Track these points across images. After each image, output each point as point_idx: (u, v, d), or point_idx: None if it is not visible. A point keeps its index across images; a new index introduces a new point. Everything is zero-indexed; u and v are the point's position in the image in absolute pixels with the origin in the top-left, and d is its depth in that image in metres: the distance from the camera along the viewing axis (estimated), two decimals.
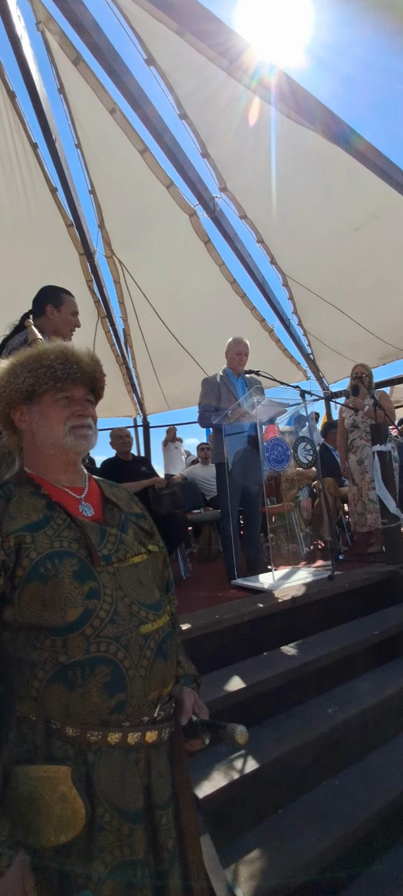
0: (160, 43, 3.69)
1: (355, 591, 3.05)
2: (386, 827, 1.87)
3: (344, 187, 4.53)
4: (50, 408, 1.06)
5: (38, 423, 1.06)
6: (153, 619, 1.00)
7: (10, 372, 1.06)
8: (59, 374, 1.05)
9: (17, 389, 1.05)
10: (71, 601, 0.91)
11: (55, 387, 1.05)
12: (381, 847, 1.85)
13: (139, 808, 0.91)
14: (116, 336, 7.16)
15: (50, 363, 1.05)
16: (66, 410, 1.06)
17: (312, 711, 2.21)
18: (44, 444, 1.06)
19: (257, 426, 3.47)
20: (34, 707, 0.90)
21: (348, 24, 3.07)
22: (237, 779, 1.80)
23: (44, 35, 4.06)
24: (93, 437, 1.11)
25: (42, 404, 1.06)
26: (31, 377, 1.04)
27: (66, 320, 2.56)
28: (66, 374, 1.06)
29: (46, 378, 1.04)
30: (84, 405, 1.09)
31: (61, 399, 1.06)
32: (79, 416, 1.07)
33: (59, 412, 1.06)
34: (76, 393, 1.09)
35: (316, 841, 1.71)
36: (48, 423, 1.05)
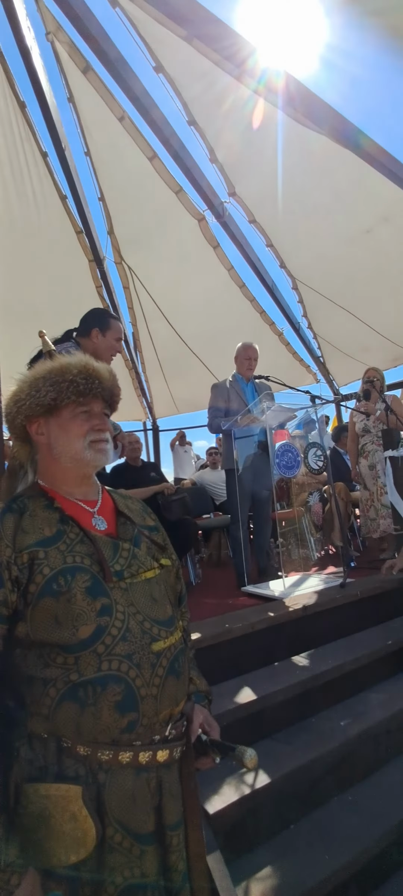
0: (168, 50, 3.70)
1: (367, 600, 3.00)
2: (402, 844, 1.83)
3: (354, 190, 4.49)
4: (70, 422, 1.06)
5: (57, 437, 1.06)
6: (165, 636, 0.99)
7: (32, 385, 1.05)
8: (81, 388, 1.06)
9: (38, 402, 1.05)
10: (83, 618, 0.91)
11: (76, 401, 1.06)
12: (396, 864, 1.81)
13: (150, 829, 0.91)
14: (125, 341, 7.19)
15: (72, 377, 1.05)
16: (86, 424, 1.07)
17: (324, 724, 2.18)
18: (62, 457, 1.06)
19: (267, 431, 3.45)
20: (45, 725, 0.89)
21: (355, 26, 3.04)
22: (248, 794, 1.77)
23: (53, 45, 4.10)
24: (111, 451, 1.12)
25: (62, 418, 1.06)
26: (53, 391, 1.04)
27: (109, 345, 2.61)
28: (88, 389, 1.07)
29: (69, 392, 1.05)
30: (102, 419, 1.10)
31: (81, 413, 1.07)
32: (98, 430, 1.08)
33: (80, 426, 1.06)
34: (95, 407, 1.09)
35: (330, 858, 1.67)
36: (68, 436, 1.05)
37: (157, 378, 7.69)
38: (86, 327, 2.59)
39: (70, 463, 1.06)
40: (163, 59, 3.85)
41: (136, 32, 3.65)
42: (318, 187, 4.65)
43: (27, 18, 3.81)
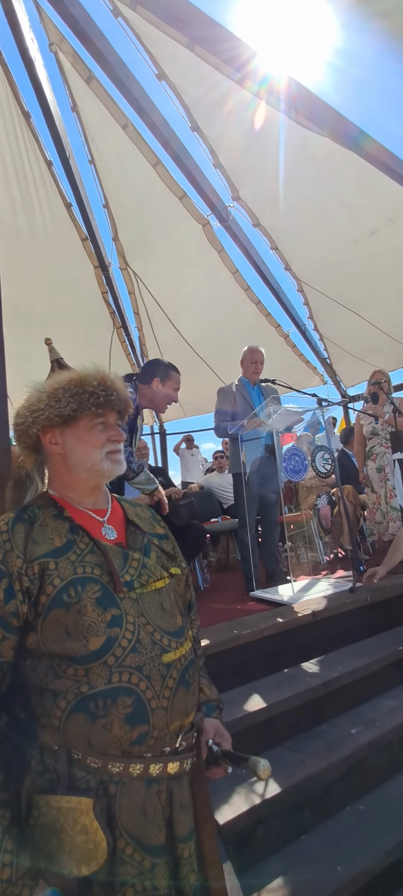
0: (170, 57, 3.71)
1: (377, 605, 2.97)
2: None
3: (358, 191, 4.47)
4: (87, 433, 1.06)
5: (74, 447, 1.06)
6: (175, 646, 0.98)
7: (51, 395, 1.05)
8: (101, 400, 1.06)
9: (58, 413, 1.04)
10: (93, 629, 0.91)
11: (95, 412, 1.06)
12: None
13: (161, 841, 0.90)
14: (132, 345, 7.22)
15: (93, 389, 1.06)
16: (103, 435, 1.07)
17: (335, 732, 2.15)
18: (78, 468, 1.06)
19: (274, 436, 3.43)
20: (56, 736, 0.89)
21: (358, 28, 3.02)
22: (258, 803, 1.76)
23: (56, 55, 4.13)
24: (124, 461, 1.13)
25: (79, 429, 1.06)
26: (73, 402, 1.04)
27: (166, 394, 2.81)
28: (106, 401, 1.07)
29: (89, 404, 1.05)
30: (117, 430, 1.11)
31: (98, 424, 1.07)
32: (114, 440, 1.09)
33: (97, 437, 1.07)
34: (110, 418, 1.10)
35: (342, 870, 1.65)
36: (85, 447, 1.05)
37: None
38: (148, 375, 2.77)
39: (86, 474, 1.06)
40: (164, 66, 3.86)
41: (138, 41, 3.68)
42: (322, 189, 4.64)
43: (30, 30, 3.86)
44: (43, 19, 3.97)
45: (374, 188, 4.28)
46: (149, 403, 2.86)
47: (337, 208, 4.79)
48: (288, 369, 7.13)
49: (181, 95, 4.09)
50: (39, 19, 3.96)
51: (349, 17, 2.79)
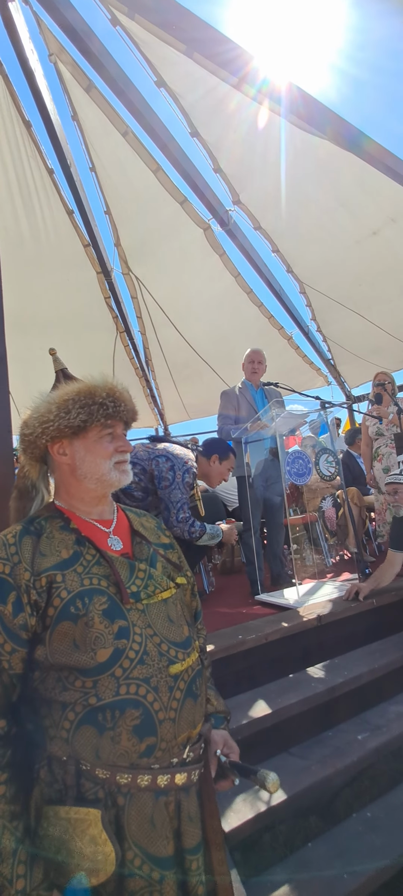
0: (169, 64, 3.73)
1: (383, 608, 2.95)
2: None
3: (359, 192, 4.46)
4: (96, 443, 1.07)
5: (83, 458, 1.06)
6: (182, 657, 0.98)
7: (61, 407, 1.06)
8: (110, 411, 1.07)
9: (67, 424, 1.05)
10: (101, 641, 0.91)
11: (104, 423, 1.07)
12: None
13: (169, 853, 0.90)
14: (135, 349, 7.25)
15: (102, 400, 1.07)
16: (111, 446, 1.08)
17: (341, 738, 2.14)
18: (87, 478, 1.06)
19: (277, 438, 3.42)
20: (65, 747, 0.89)
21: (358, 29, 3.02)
22: (264, 810, 1.75)
23: (56, 66, 4.17)
24: (131, 471, 1.14)
25: (88, 440, 1.07)
26: (83, 413, 1.05)
27: (221, 471, 3.07)
28: (115, 412, 1.08)
29: (98, 415, 1.06)
30: (125, 440, 1.12)
31: (106, 435, 1.08)
32: (122, 451, 1.09)
33: (106, 448, 1.07)
34: (118, 429, 1.11)
35: (349, 878, 1.64)
36: (94, 458, 1.06)
37: (168, 385, 7.72)
38: (210, 451, 3.07)
39: (94, 484, 1.07)
40: (163, 73, 3.88)
41: (137, 49, 3.70)
42: (323, 190, 4.63)
43: (30, 41, 3.90)
44: (42, 30, 4.00)
45: (375, 188, 4.27)
46: (203, 476, 3.09)
47: (338, 209, 4.78)
48: (292, 371, 7.12)
49: (180, 101, 4.10)
50: (39, 30, 4.00)
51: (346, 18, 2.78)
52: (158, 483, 2.75)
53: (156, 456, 2.79)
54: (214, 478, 3.07)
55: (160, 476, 2.74)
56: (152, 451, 2.83)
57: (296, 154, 4.17)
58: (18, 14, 3.71)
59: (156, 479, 2.76)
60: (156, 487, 2.78)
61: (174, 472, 2.73)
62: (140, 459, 2.80)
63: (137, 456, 2.81)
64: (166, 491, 2.72)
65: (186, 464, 2.77)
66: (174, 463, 2.74)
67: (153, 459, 2.78)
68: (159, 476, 2.74)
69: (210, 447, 3.09)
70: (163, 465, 2.75)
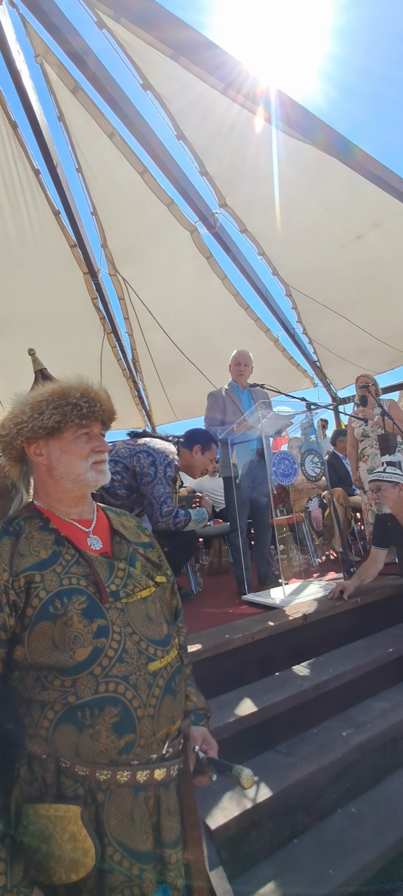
0: (155, 68, 3.74)
1: (368, 606, 3.00)
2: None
3: (344, 197, 4.53)
4: (72, 444, 1.07)
5: (59, 458, 1.06)
6: (161, 655, 1.00)
7: (35, 408, 1.06)
8: (84, 411, 1.07)
9: (41, 425, 1.05)
10: (80, 640, 0.92)
11: (79, 423, 1.07)
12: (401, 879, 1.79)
13: (149, 848, 0.91)
14: (122, 350, 7.23)
15: (76, 401, 1.07)
16: (87, 446, 1.08)
17: (326, 734, 2.17)
18: (63, 479, 1.06)
19: (263, 440, 3.46)
20: (44, 746, 0.90)
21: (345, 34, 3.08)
22: (250, 807, 1.76)
23: (42, 67, 4.14)
24: (109, 471, 1.14)
25: (63, 440, 1.07)
26: (57, 414, 1.05)
27: (204, 462, 3.08)
28: (90, 412, 1.08)
29: (72, 415, 1.06)
30: (102, 440, 1.12)
31: (82, 435, 1.08)
32: (99, 451, 1.09)
33: (81, 448, 1.07)
34: (94, 429, 1.11)
35: (334, 873, 1.66)
36: (70, 458, 1.06)
37: (155, 386, 7.72)
38: (192, 442, 3.02)
39: (71, 484, 1.07)
40: (149, 77, 3.89)
41: (123, 52, 3.70)
42: (308, 195, 4.69)
43: (16, 42, 3.87)
44: (28, 32, 3.98)
45: (359, 194, 4.34)
46: (186, 468, 3.08)
47: (324, 214, 4.84)
48: (278, 373, 7.18)
49: (166, 105, 4.11)
50: (25, 31, 3.98)
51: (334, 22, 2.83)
52: (140, 479, 2.73)
53: (137, 452, 2.78)
54: (197, 468, 3.07)
55: (142, 472, 2.72)
56: (133, 448, 2.81)
57: (282, 159, 4.22)
58: (5, 16, 3.69)
59: (137, 476, 2.74)
60: (138, 484, 2.77)
61: (156, 466, 2.71)
62: (121, 457, 2.79)
63: (118, 454, 2.80)
64: (149, 486, 2.71)
65: (167, 457, 2.76)
66: (155, 458, 2.73)
67: (134, 456, 2.77)
68: (141, 472, 2.73)
69: (191, 438, 3.07)
70: (145, 460, 2.73)
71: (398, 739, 2.22)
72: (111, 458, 2.72)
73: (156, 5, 2.89)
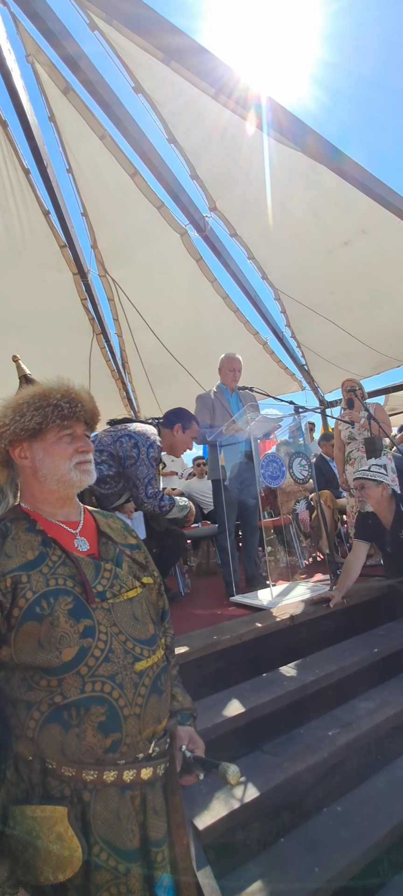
0: (147, 71, 3.75)
1: (354, 607, 3.04)
2: (392, 854, 1.85)
3: (332, 203, 4.60)
4: (55, 445, 1.08)
5: (42, 460, 1.07)
6: (148, 654, 1.01)
7: (16, 410, 1.07)
8: (65, 412, 1.08)
9: (23, 427, 1.06)
10: (66, 640, 0.92)
11: (61, 424, 1.08)
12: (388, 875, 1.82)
13: (135, 846, 0.92)
14: (111, 352, 7.21)
15: (57, 402, 1.08)
16: (70, 447, 1.09)
17: (313, 734, 2.19)
18: (47, 480, 1.07)
19: (252, 442, 3.48)
20: (30, 747, 0.90)
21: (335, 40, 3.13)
22: (237, 808, 1.78)
23: (33, 67, 4.12)
24: (94, 471, 1.14)
25: (46, 441, 1.08)
26: (38, 415, 1.06)
27: (185, 441, 3.04)
28: (71, 413, 1.09)
29: (53, 416, 1.07)
30: (85, 441, 1.12)
31: (65, 436, 1.09)
32: (82, 451, 1.10)
33: (64, 449, 1.08)
34: (78, 429, 1.12)
35: (320, 871, 1.68)
36: (53, 459, 1.07)
37: (144, 387, 7.71)
38: (172, 421, 3.00)
39: (56, 485, 1.08)
40: (141, 80, 3.90)
41: (115, 54, 3.70)
42: (297, 201, 4.75)
43: (7, 41, 3.85)
44: (19, 31, 3.96)
45: (347, 201, 4.41)
46: (168, 448, 3.05)
47: (312, 219, 4.91)
48: (266, 376, 7.24)
49: (158, 108, 4.13)
50: (16, 31, 3.95)
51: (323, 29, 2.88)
52: (124, 463, 2.73)
53: (119, 437, 2.77)
54: (179, 447, 3.05)
55: (125, 455, 2.73)
56: (115, 434, 2.81)
57: (272, 164, 4.27)
58: None
59: (122, 461, 2.74)
60: (124, 469, 2.77)
61: (138, 448, 2.71)
62: (105, 446, 2.78)
63: (102, 443, 2.79)
64: (132, 469, 2.72)
65: (149, 439, 2.76)
66: (137, 440, 2.73)
67: (116, 441, 2.76)
68: (124, 456, 2.73)
69: (172, 417, 3.05)
70: (127, 444, 2.73)
71: (383, 738, 2.26)
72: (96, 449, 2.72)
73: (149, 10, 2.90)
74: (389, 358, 6.68)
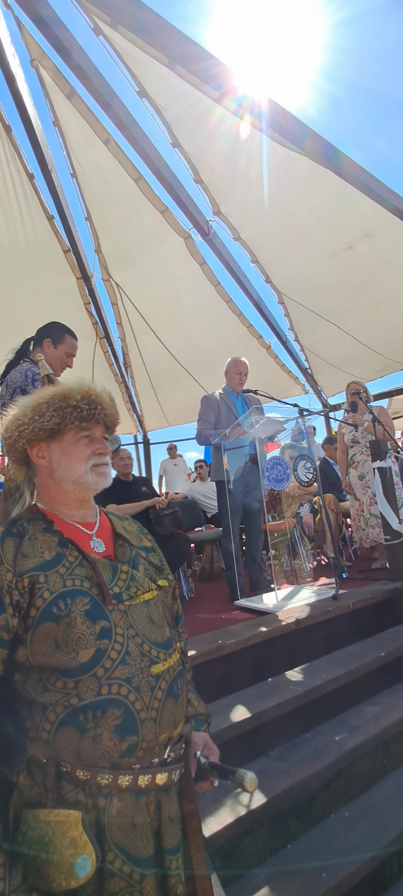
0: (151, 76, 3.77)
1: (360, 611, 3.02)
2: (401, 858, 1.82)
3: (336, 207, 4.61)
4: (72, 446, 1.07)
5: (59, 461, 1.07)
6: (164, 658, 0.99)
7: (35, 409, 1.07)
8: (84, 414, 1.08)
9: (41, 427, 1.06)
10: (83, 641, 0.91)
11: (79, 426, 1.08)
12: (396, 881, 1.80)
13: (149, 853, 0.90)
14: (115, 356, 7.23)
15: (76, 403, 1.07)
16: (88, 449, 1.08)
17: (319, 739, 2.17)
18: (64, 481, 1.07)
19: (256, 444, 3.47)
20: (45, 750, 0.89)
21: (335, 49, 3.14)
22: (244, 814, 1.76)
23: (38, 71, 4.16)
24: (110, 473, 1.14)
25: (64, 442, 1.07)
26: (57, 416, 1.06)
27: (59, 358, 2.57)
28: (90, 415, 1.09)
29: (72, 417, 1.06)
30: (103, 443, 1.12)
31: (83, 437, 1.09)
32: (99, 454, 1.10)
33: (82, 450, 1.08)
34: (96, 432, 1.11)
35: (327, 878, 1.66)
36: (70, 460, 1.07)
37: (147, 391, 7.73)
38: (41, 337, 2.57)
39: (72, 486, 1.07)
40: (145, 84, 3.92)
41: (120, 59, 3.72)
42: (301, 205, 4.76)
43: (11, 46, 3.88)
44: (24, 35, 3.99)
45: (350, 204, 4.42)
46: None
47: (315, 223, 4.92)
48: (270, 379, 7.24)
49: (162, 112, 4.15)
50: (20, 35, 3.98)
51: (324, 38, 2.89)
52: None
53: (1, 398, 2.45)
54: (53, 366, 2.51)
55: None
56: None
57: (276, 168, 4.28)
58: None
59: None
60: None
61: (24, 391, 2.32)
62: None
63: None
64: None
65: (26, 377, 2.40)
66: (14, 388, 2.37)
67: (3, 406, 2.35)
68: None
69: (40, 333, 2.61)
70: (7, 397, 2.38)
71: (389, 743, 2.24)
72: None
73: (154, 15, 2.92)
74: (392, 361, 6.67)
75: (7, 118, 4.33)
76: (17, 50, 3.97)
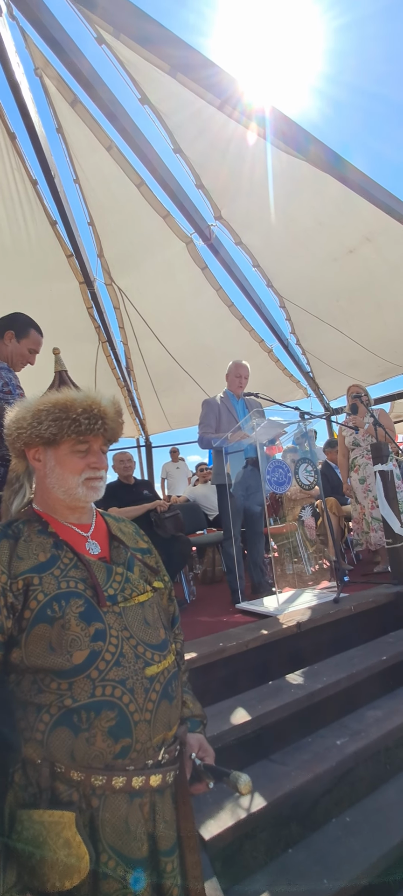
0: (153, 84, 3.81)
1: (361, 615, 3.01)
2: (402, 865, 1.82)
3: (336, 212, 4.62)
4: (67, 457, 1.06)
5: (53, 469, 1.07)
6: (158, 660, 1.00)
7: (34, 416, 1.06)
8: (83, 428, 1.06)
9: (39, 434, 1.06)
10: (77, 643, 0.92)
11: (76, 439, 1.06)
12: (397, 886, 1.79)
13: (144, 855, 0.91)
14: (117, 359, 7.26)
15: (76, 416, 1.05)
16: (82, 462, 1.07)
17: (320, 743, 2.16)
18: (54, 488, 1.07)
19: (257, 448, 3.48)
20: (39, 750, 0.89)
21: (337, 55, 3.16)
22: (244, 817, 1.75)
23: (42, 80, 4.20)
24: (104, 487, 1.12)
25: (60, 452, 1.07)
26: (54, 426, 1.05)
27: (21, 353, 2.44)
28: (89, 430, 1.06)
29: (69, 430, 1.05)
30: (100, 457, 1.10)
31: (79, 451, 1.07)
32: (94, 468, 1.08)
33: (76, 463, 1.07)
34: (95, 445, 1.10)
35: (329, 882, 1.66)
36: (63, 471, 1.06)
37: (149, 395, 7.75)
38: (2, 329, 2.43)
39: (62, 495, 1.07)
40: (147, 92, 3.96)
41: (122, 67, 3.76)
42: (302, 209, 4.77)
43: (16, 55, 3.93)
44: (28, 45, 4.04)
45: (352, 209, 4.43)
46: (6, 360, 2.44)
47: (317, 227, 4.93)
48: (272, 383, 7.25)
49: (164, 119, 4.19)
50: (25, 45, 4.04)
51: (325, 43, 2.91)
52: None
53: None
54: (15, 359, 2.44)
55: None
56: None
57: (277, 173, 4.30)
58: (5, 28, 3.75)
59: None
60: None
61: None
62: None
63: None
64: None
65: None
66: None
67: None
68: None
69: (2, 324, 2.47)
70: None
71: (391, 748, 2.23)
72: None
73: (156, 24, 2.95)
74: (394, 365, 6.67)
75: (12, 126, 4.38)
76: (21, 59, 4.03)
